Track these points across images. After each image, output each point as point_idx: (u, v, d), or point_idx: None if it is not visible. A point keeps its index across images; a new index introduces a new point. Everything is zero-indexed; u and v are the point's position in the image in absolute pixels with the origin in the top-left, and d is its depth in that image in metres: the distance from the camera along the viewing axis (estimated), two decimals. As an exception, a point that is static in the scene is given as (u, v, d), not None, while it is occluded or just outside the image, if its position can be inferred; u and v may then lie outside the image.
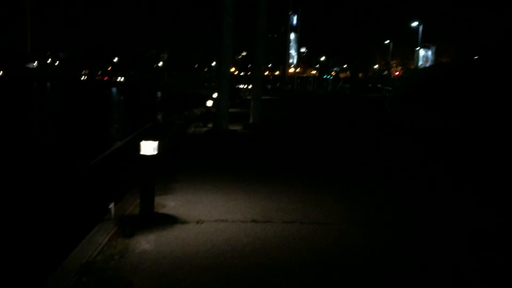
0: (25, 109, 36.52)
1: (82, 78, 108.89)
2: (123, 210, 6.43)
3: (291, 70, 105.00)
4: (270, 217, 6.29)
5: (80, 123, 27.37)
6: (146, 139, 5.83)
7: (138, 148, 5.86)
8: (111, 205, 5.94)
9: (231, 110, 17.54)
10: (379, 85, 59.88)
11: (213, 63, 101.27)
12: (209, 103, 19.63)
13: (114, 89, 77.18)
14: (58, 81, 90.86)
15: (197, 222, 5.99)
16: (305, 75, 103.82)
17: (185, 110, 29.24)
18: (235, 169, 9.69)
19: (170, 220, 6.06)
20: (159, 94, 68.91)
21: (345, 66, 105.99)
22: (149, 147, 5.83)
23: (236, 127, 17.54)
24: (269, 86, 72.77)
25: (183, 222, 6.00)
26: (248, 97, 38.22)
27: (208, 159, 10.96)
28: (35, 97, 54.25)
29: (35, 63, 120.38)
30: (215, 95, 21.70)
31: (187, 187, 7.92)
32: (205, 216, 6.26)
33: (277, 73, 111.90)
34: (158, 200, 6.90)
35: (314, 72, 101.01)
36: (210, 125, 17.89)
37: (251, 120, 18.73)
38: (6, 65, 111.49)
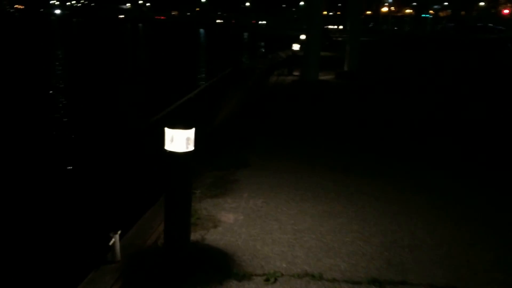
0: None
1: (171, 20, 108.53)
2: (143, 234, 3.84)
3: (385, 9, 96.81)
4: (410, 272, 3.40)
5: (162, 66, 25.80)
6: (175, 125, 3.09)
7: (162, 137, 3.15)
8: (114, 239, 3.34)
9: (320, 54, 14.36)
10: (490, 25, 52.23)
11: (301, 3, 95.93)
12: (296, 46, 16.49)
13: (202, 30, 75.44)
14: (149, 23, 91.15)
15: (267, 279, 3.25)
16: (400, 14, 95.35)
17: (270, 53, 26.44)
18: (332, 151, 6.74)
19: (219, 267, 3.38)
20: (245, 35, 66.23)
21: (446, 3, 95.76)
22: (179, 139, 3.10)
23: (328, 76, 14.38)
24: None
25: (242, 275, 3.29)
26: (340, 39, 34.25)
27: (291, 130, 8.07)
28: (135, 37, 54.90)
29: (128, 5, 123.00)
30: (302, 36, 18.40)
31: (257, 180, 5.19)
32: (283, 260, 3.51)
33: (368, 12, 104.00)
34: (210, 205, 4.34)
35: (410, 11, 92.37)
36: (296, 73, 14.89)
37: (345, 68, 15.42)
38: (101, 6, 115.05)
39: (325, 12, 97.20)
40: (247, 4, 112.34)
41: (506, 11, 74.51)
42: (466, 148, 7.03)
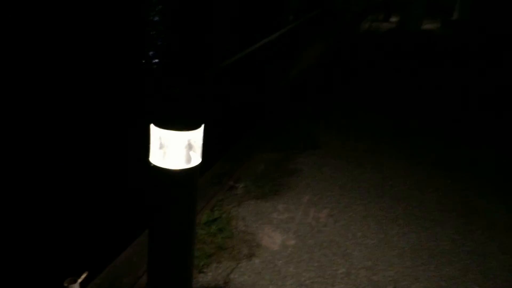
0: None
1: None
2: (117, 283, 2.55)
3: None
4: None
5: None
6: (168, 120, 1.67)
7: (147, 141, 1.75)
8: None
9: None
10: None
11: None
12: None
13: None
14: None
15: None
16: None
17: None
18: (445, 139, 5.05)
19: None
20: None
21: None
22: (175, 148, 1.69)
23: (432, 25, 12.09)
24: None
25: None
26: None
27: (383, 100, 6.37)
28: None
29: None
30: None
31: (326, 174, 3.74)
32: None
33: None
34: (252, 212, 3.05)
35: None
36: (393, 20, 12.75)
37: (455, 15, 12.95)
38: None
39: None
40: None
41: None
42: None
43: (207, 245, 2.78)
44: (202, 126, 1.73)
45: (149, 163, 1.74)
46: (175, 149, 1.70)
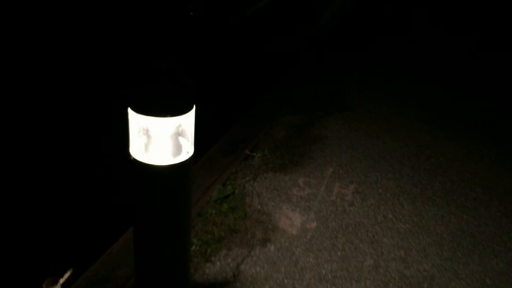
0: None
1: None
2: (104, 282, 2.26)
3: None
4: None
5: None
6: (147, 107, 1.29)
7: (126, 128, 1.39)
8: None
9: None
10: None
11: None
12: None
13: None
14: None
15: None
16: None
17: None
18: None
19: None
20: None
21: None
22: (161, 138, 1.33)
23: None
24: None
25: None
26: None
27: (427, 60, 5.80)
28: None
29: None
30: None
31: (354, 141, 3.35)
32: None
33: None
34: (269, 188, 2.70)
35: None
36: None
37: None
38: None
39: None
40: None
41: None
42: None
43: (217, 227, 2.47)
44: (194, 108, 1.35)
45: (129, 155, 1.39)
46: (159, 139, 1.34)
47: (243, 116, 3.70)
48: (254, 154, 3.14)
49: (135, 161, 1.37)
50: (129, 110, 1.33)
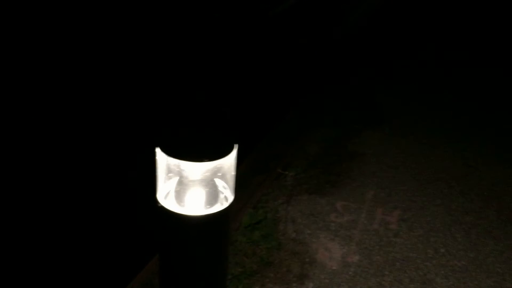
0: None
1: None
2: None
3: None
4: None
5: None
6: (179, 149, 1.04)
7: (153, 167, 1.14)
8: None
9: None
10: None
11: None
12: None
13: None
14: None
15: None
16: None
17: None
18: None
19: None
20: None
21: None
22: (192, 185, 1.07)
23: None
24: None
25: None
26: None
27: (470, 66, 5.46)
28: None
29: None
30: None
31: (396, 159, 3.07)
32: None
33: None
34: (304, 212, 2.46)
35: None
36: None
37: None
38: None
39: None
40: None
41: None
42: None
43: (249, 258, 2.23)
44: (235, 148, 1.11)
45: (156, 201, 1.15)
46: (193, 185, 1.10)
47: (272, 130, 3.45)
48: (287, 172, 2.89)
49: (163, 209, 1.13)
50: (157, 150, 1.09)
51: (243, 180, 2.81)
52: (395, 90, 4.19)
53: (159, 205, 1.15)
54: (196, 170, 1.08)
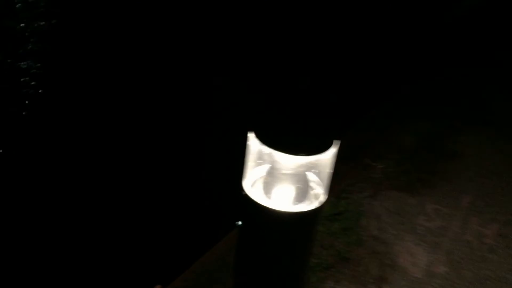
0: None
1: None
2: None
3: None
4: None
5: None
6: (274, 138, 0.94)
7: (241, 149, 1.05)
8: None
9: None
10: None
11: None
12: None
13: None
14: None
15: None
16: None
17: None
18: None
19: None
20: None
21: None
22: (283, 178, 0.98)
23: None
24: None
25: None
26: None
27: None
28: None
29: None
30: None
31: (495, 167, 2.79)
32: None
33: None
34: (390, 211, 2.35)
35: None
36: None
37: None
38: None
39: None
40: None
41: None
42: None
43: (326, 250, 2.13)
44: (337, 144, 0.99)
45: (241, 187, 1.07)
46: (283, 178, 1.00)
47: (363, 118, 3.26)
48: (376, 164, 2.72)
49: (247, 198, 1.05)
50: (251, 135, 1.00)
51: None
52: (506, 86, 3.80)
53: (243, 192, 1.06)
54: (289, 162, 0.98)
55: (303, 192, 1.04)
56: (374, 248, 2.15)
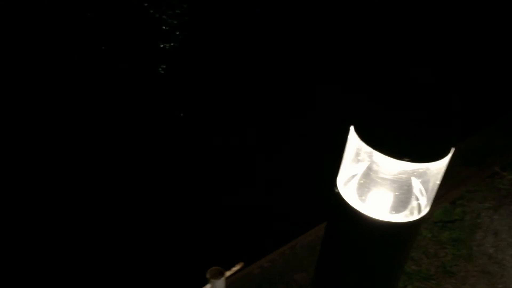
0: None
1: None
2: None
3: None
4: None
5: None
6: (378, 139, 0.82)
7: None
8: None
9: None
10: None
11: None
12: None
13: None
14: None
15: None
16: None
17: None
18: None
19: None
20: None
21: None
22: (384, 185, 0.86)
23: None
24: None
25: None
26: None
27: None
28: None
29: None
30: None
31: None
32: None
33: None
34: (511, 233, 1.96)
35: None
36: None
37: None
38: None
39: None
40: None
41: None
42: None
43: (428, 259, 1.95)
44: (451, 152, 0.84)
45: (334, 184, 0.97)
46: (380, 183, 0.87)
47: (496, 121, 2.89)
48: (505, 173, 2.40)
49: (338, 197, 0.95)
50: (351, 129, 0.88)
51: (447, 167, 2.43)
52: None
53: (336, 190, 0.96)
54: (391, 167, 0.85)
55: (402, 201, 0.91)
56: (486, 267, 1.92)
